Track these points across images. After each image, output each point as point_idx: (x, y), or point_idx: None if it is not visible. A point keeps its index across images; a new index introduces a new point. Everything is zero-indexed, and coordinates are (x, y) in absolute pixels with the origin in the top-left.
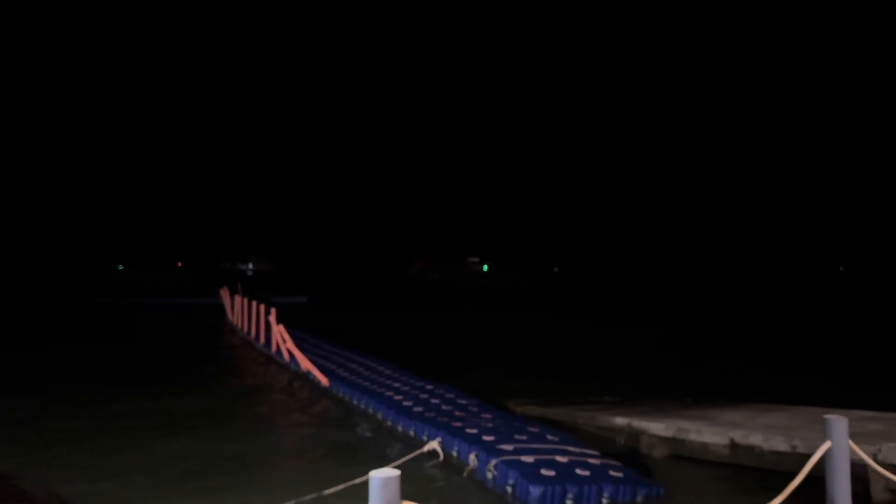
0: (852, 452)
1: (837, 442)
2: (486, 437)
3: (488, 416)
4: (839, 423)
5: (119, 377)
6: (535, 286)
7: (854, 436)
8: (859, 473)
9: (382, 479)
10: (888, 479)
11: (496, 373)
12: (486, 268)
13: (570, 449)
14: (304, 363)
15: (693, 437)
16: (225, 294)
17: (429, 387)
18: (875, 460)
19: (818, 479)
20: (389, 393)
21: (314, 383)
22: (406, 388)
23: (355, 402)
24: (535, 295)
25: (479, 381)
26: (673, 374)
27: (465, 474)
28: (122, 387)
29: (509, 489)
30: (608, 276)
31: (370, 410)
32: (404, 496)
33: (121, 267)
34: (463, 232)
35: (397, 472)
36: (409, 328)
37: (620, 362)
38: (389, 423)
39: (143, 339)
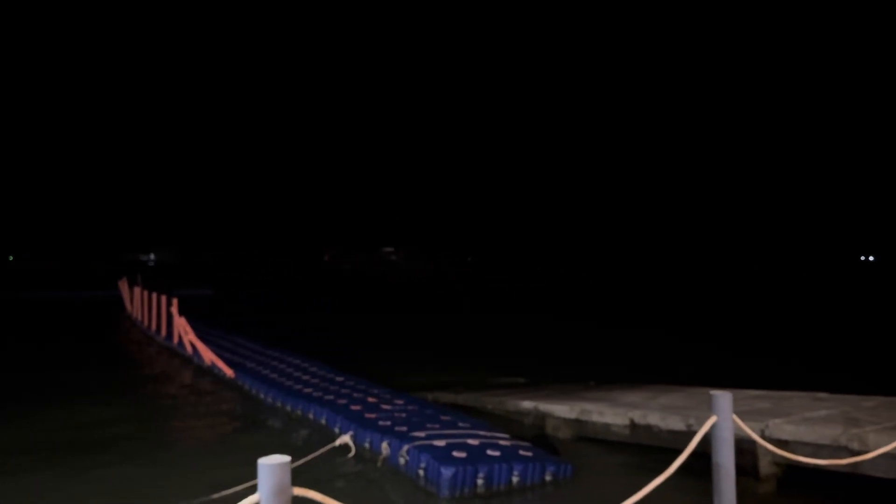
0: (740, 429)
1: (722, 416)
2: (398, 428)
3: (400, 403)
4: (724, 398)
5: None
6: (450, 275)
7: (744, 414)
8: (749, 449)
9: (271, 465)
10: (774, 454)
11: (413, 361)
12: (395, 258)
13: (481, 433)
14: (208, 355)
15: (595, 418)
16: (123, 286)
17: (339, 378)
18: (762, 436)
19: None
20: (299, 386)
21: (219, 376)
22: (316, 381)
23: (262, 395)
24: (453, 284)
25: (395, 370)
26: (608, 354)
27: (378, 463)
28: (9, 390)
29: (421, 472)
30: (527, 266)
31: (278, 403)
32: (317, 488)
33: (11, 258)
34: (377, 222)
35: (287, 458)
36: (328, 322)
37: (539, 346)
38: (300, 414)
39: (33, 336)
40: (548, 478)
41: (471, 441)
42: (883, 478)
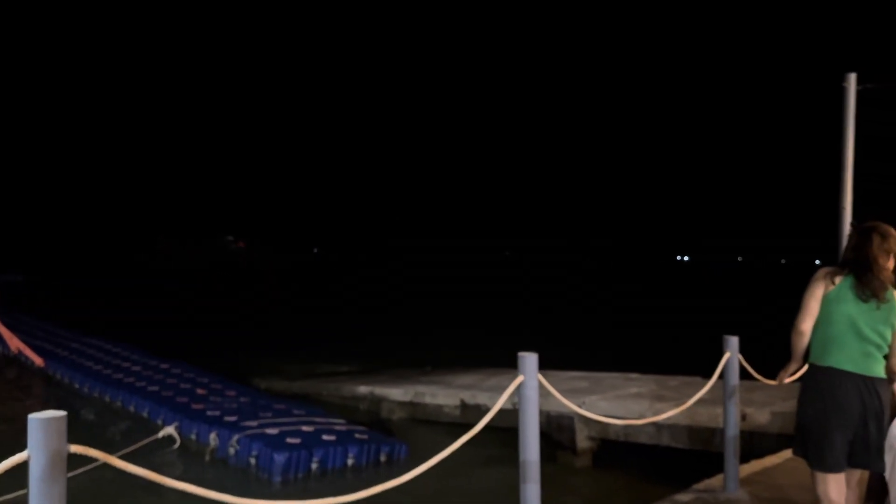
0: (562, 405)
1: (528, 375)
2: (228, 418)
3: (232, 394)
4: (530, 358)
5: None
6: (293, 265)
7: (564, 392)
8: (568, 425)
9: (42, 420)
10: (590, 428)
11: (249, 350)
12: (240, 245)
13: (317, 419)
14: (14, 343)
15: (428, 399)
16: None
17: (164, 366)
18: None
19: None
20: (119, 374)
21: (27, 365)
22: (138, 368)
23: (76, 385)
24: (294, 274)
25: (228, 358)
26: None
27: (206, 456)
28: None
29: (253, 461)
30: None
31: (95, 393)
32: (137, 484)
33: None
34: (216, 209)
35: (62, 413)
36: (160, 307)
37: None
38: (119, 405)
39: None
40: (382, 458)
41: (305, 427)
42: (682, 448)
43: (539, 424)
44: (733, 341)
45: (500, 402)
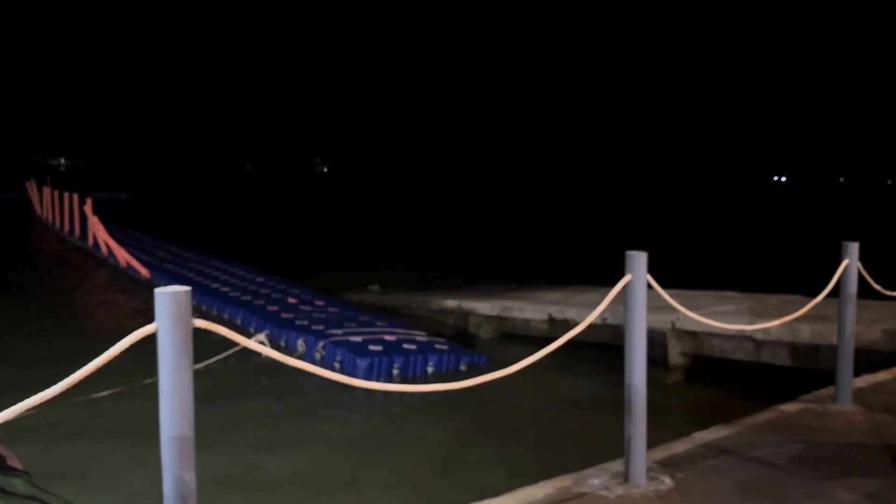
0: (654, 322)
1: (636, 275)
2: (315, 326)
3: (321, 303)
4: (639, 257)
5: None
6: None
7: (656, 308)
8: (660, 340)
9: (168, 293)
10: (684, 344)
11: (341, 265)
12: (326, 169)
13: (398, 330)
14: (123, 255)
15: (516, 314)
16: (32, 187)
17: (260, 279)
18: (673, 328)
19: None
20: (216, 285)
21: (135, 277)
22: (236, 281)
23: None
24: (379, 196)
25: (322, 272)
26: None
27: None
28: None
29: (337, 366)
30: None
31: (194, 302)
32: (234, 382)
33: None
34: (301, 132)
35: (187, 288)
36: (256, 224)
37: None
38: (215, 313)
39: None
40: (462, 368)
41: (387, 337)
42: (781, 365)
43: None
44: (853, 247)
45: (606, 303)
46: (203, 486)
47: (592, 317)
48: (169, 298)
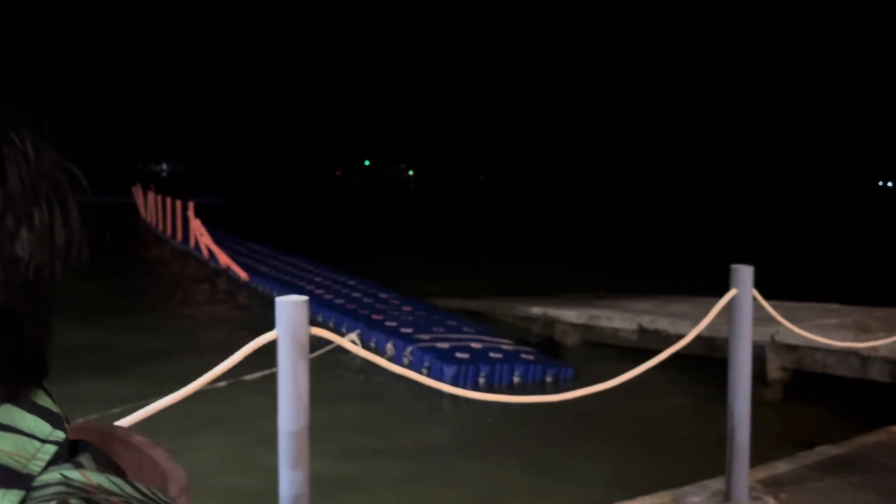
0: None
1: (742, 288)
2: (403, 329)
3: (409, 308)
4: (745, 271)
5: None
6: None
7: (755, 319)
8: (758, 354)
9: (289, 302)
10: (783, 358)
11: (427, 269)
12: (411, 173)
13: (485, 337)
14: (223, 258)
15: (604, 323)
16: (137, 191)
17: (351, 282)
18: (772, 341)
19: (721, 361)
20: (310, 287)
21: (234, 278)
22: (328, 283)
23: (275, 296)
24: (460, 201)
25: (407, 276)
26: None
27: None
28: None
29: (425, 371)
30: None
31: None
32: (328, 381)
33: None
34: (388, 138)
35: (305, 298)
36: (343, 228)
37: (550, 263)
38: (310, 315)
39: None
40: (548, 379)
41: (474, 344)
42: (890, 383)
43: (742, 350)
44: None
45: (711, 316)
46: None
47: (698, 330)
48: (289, 308)
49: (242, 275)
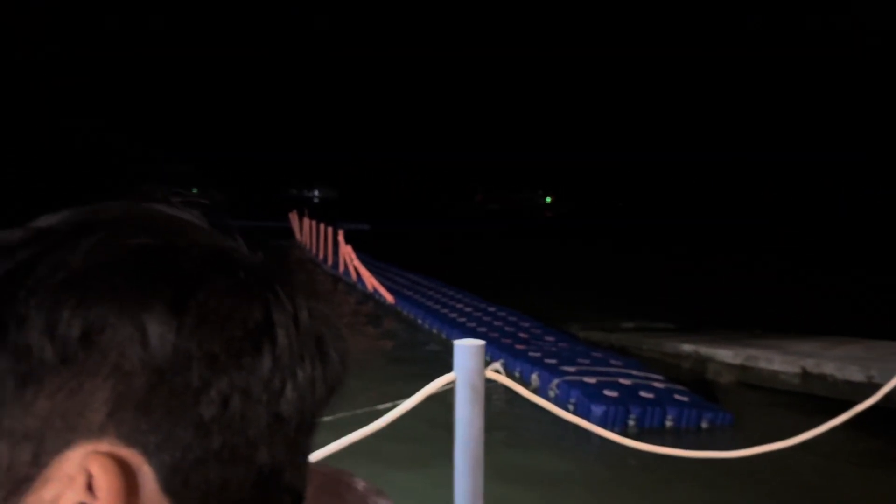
0: None
1: None
2: (548, 360)
3: (551, 339)
4: None
5: None
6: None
7: None
8: None
9: (467, 347)
10: None
11: (564, 299)
12: (548, 200)
13: (634, 373)
14: (371, 281)
15: (763, 364)
16: (294, 217)
17: (491, 309)
18: None
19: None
20: (454, 314)
21: (380, 302)
22: (469, 310)
23: (419, 321)
24: (598, 228)
25: (546, 306)
26: (738, 306)
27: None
28: None
29: (571, 408)
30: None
31: (434, 329)
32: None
33: (195, 190)
34: (526, 165)
35: (482, 342)
36: (481, 255)
37: (686, 293)
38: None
39: None
40: (704, 425)
41: (623, 380)
42: None
43: None
44: None
45: (882, 392)
46: None
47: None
48: (467, 352)
49: (389, 298)
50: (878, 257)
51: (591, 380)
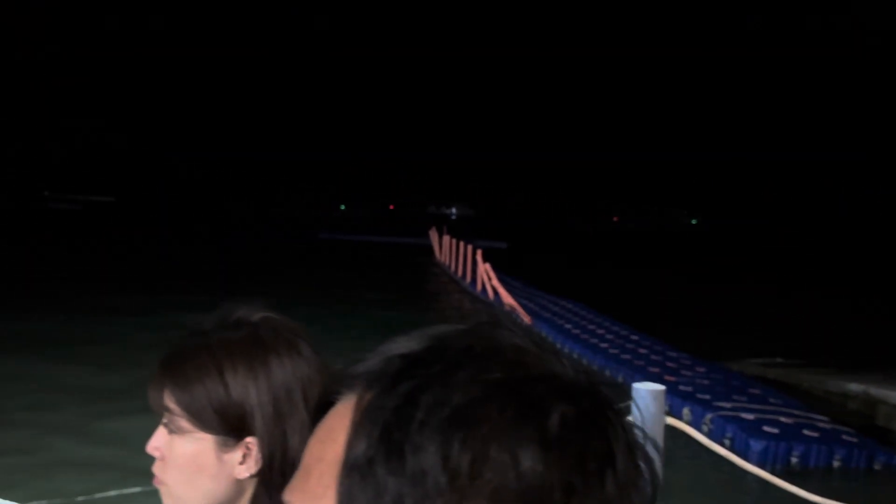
0: None
1: None
2: (700, 395)
3: (702, 370)
4: None
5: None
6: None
7: None
8: None
9: (647, 390)
10: None
11: (711, 329)
12: (694, 221)
13: (795, 411)
14: (508, 300)
15: None
16: (433, 234)
17: (634, 337)
18: None
19: None
20: (595, 340)
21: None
22: (611, 337)
23: (559, 344)
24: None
25: (693, 335)
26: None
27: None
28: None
29: (727, 443)
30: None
31: (575, 353)
32: None
33: (342, 207)
34: (668, 185)
35: (662, 387)
36: (620, 281)
37: (840, 326)
38: (596, 368)
39: (359, 268)
40: (876, 467)
41: (784, 419)
42: None
43: None
44: None
45: None
46: None
47: None
48: (648, 395)
49: (526, 318)
50: None
51: (749, 416)
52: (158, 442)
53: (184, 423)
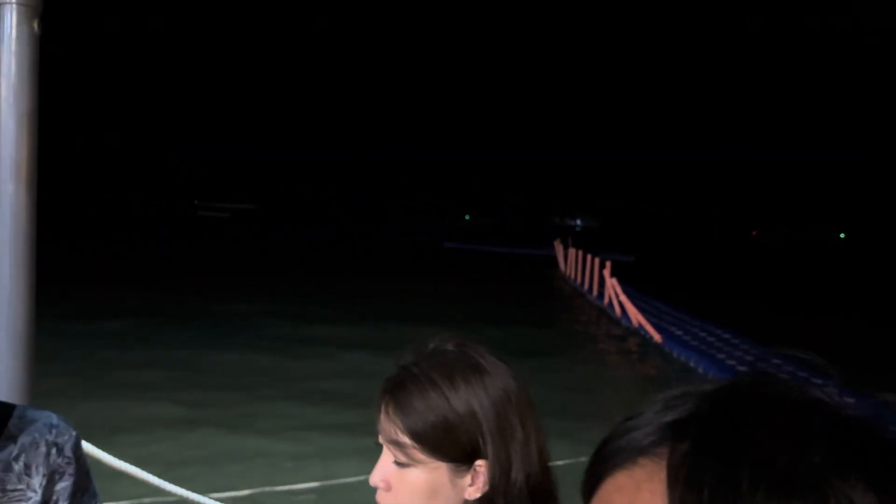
0: None
1: None
2: None
3: (849, 401)
4: None
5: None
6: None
7: None
8: None
9: None
10: None
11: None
12: (842, 235)
13: None
14: (636, 317)
15: None
16: (558, 246)
17: (776, 360)
18: None
19: None
20: (731, 362)
21: (646, 339)
22: (750, 359)
23: (692, 364)
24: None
25: (847, 362)
26: None
27: None
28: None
29: None
30: None
31: (710, 374)
32: None
33: (467, 217)
34: (815, 200)
35: None
36: (753, 294)
37: None
38: None
39: (482, 278)
40: None
41: None
42: None
43: None
44: None
45: None
46: None
47: None
48: None
49: (656, 336)
50: None
51: None
52: (384, 474)
53: (418, 455)
